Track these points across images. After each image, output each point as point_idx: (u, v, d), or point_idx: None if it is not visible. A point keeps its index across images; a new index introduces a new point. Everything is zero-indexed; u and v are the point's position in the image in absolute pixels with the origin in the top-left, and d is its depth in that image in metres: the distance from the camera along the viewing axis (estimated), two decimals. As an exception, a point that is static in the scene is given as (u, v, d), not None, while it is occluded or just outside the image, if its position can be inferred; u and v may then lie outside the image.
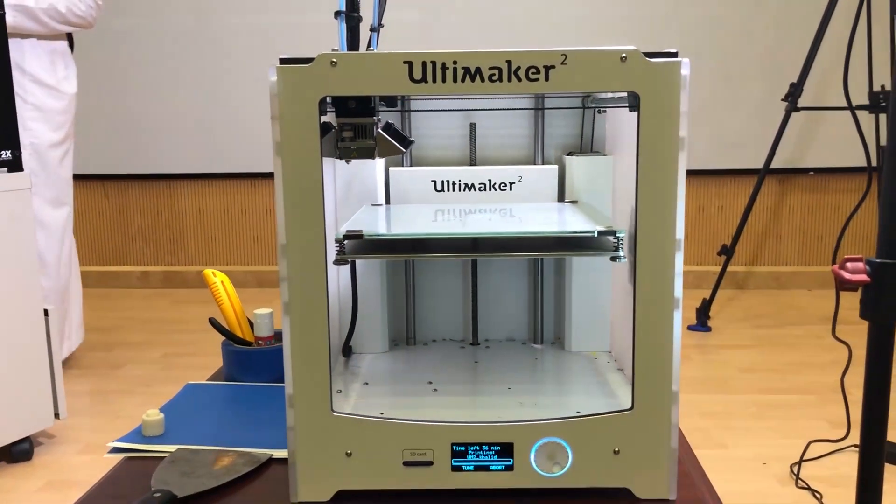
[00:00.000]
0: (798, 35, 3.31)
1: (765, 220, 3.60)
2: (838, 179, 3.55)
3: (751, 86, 3.43)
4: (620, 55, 0.72)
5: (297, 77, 0.72)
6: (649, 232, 0.74)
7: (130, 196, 3.73)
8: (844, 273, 0.85)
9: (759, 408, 2.27)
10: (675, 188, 0.73)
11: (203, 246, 3.75)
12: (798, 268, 3.62)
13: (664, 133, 0.73)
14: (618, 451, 0.77)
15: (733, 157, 3.47)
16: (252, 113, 3.56)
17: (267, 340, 1.13)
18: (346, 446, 0.77)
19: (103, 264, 3.79)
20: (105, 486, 0.83)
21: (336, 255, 0.79)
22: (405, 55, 0.72)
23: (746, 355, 2.72)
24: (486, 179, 1.00)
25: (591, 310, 1.02)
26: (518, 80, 0.72)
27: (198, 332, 3.05)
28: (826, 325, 3.03)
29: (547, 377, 0.96)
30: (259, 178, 3.67)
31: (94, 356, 2.80)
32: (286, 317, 0.76)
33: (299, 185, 0.73)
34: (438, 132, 1.04)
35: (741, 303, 3.39)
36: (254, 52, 3.52)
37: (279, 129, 0.73)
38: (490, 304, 1.08)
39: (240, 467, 0.85)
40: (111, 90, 3.59)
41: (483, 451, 0.78)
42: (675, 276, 0.75)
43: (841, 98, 3.15)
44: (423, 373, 0.97)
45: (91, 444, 2.10)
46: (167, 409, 1.00)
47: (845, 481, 1.83)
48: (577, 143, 1.04)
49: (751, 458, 1.96)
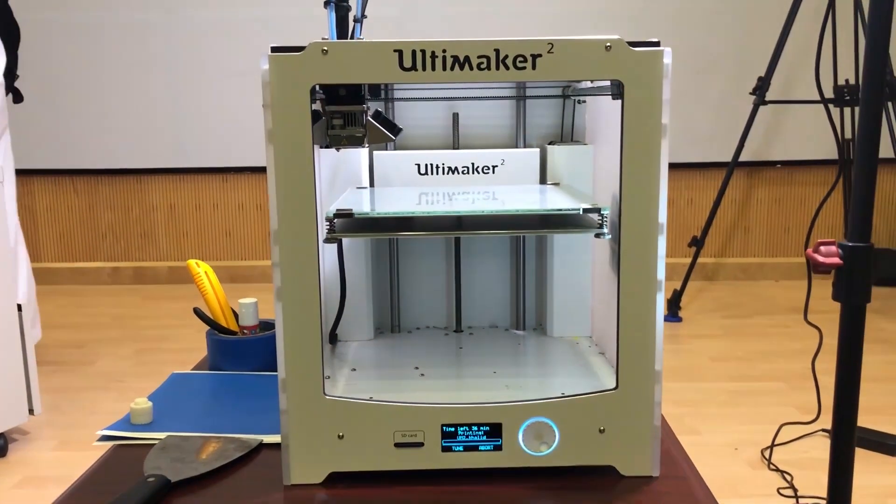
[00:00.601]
0: (765, 29, 3.37)
1: (733, 213, 3.67)
2: (804, 172, 3.62)
3: (719, 80, 3.48)
4: (605, 44, 0.74)
5: (289, 65, 0.73)
6: (633, 216, 0.76)
7: (100, 192, 3.69)
8: (818, 256, 0.88)
9: (730, 395, 2.32)
10: (658, 173, 0.76)
11: (174, 241, 3.72)
12: (766, 259, 3.69)
13: (647, 120, 0.75)
14: (603, 430, 0.80)
15: (702, 151, 3.53)
16: (223, 108, 3.55)
17: (251, 329, 1.13)
18: (339, 429, 0.79)
19: (73, 261, 3.75)
20: (97, 472, 0.83)
21: (326, 234, 0.80)
22: (395, 44, 0.73)
23: (717, 345, 2.77)
24: (470, 163, 1.02)
25: (572, 296, 1.04)
26: (506, 69, 0.74)
27: (170, 327, 3.04)
28: (793, 315, 3.10)
29: (531, 361, 0.98)
30: (231, 173, 3.66)
31: (66, 353, 2.78)
32: (278, 302, 0.77)
33: (291, 171, 0.75)
34: (422, 122, 1.06)
35: (711, 294, 3.45)
36: (224, 47, 3.51)
37: (271, 116, 0.74)
38: (473, 291, 1.10)
39: (231, 452, 0.85)
40: (80, 85, 3.55)
41: (472, 432, 0.79)
42: (657, 259, 0.77)
43: (807, 92, 3.22)
44: (410, 359, 0.98)
45: (66, 440, 2.08)
46: (154, 398, 1.01)
47: (814, 463, 1.88)
48: (558, 132, 1.06)
49: (723, 444, 2.01)
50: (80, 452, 2.01)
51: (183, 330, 2.99)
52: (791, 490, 1.76)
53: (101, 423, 2.23)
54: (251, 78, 3.52)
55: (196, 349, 2.79)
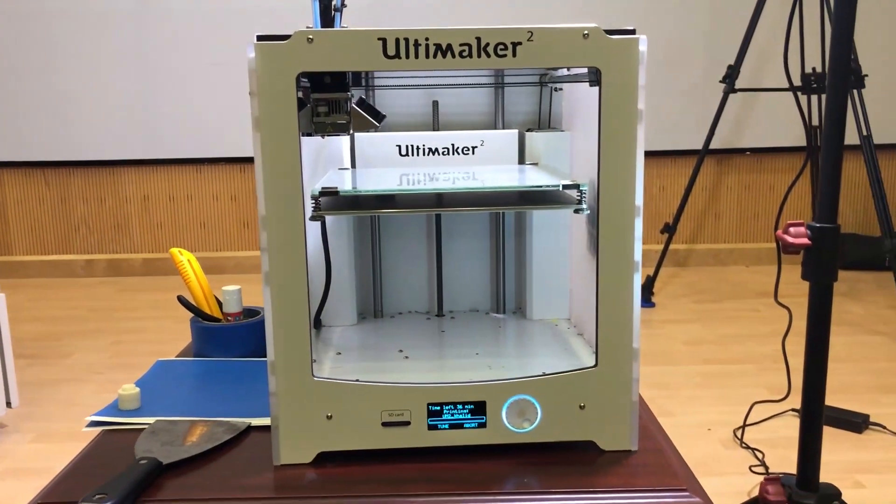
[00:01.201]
0: (734, 19, 3.42)
1: (704, 199, 3.72)
2: (772, 159, 3.68)
3: (689, 69, 3.53)
4: (583, 32, 0.76)
5: (275, 53, 0.74)
6: (611, 198, 0.79)
7: (72, 184, 3.66)
8: (788, 237, 0.91)
9: (703, 378, 2.37)
10: (634, 157, 0.78)
11: (148, 233, 3.70)
12: (736, 245, 3.75)
13: (624, 105, 0.77)
14: (583, 406, 0.82)
15: (673, 138, 3.58)
16: (197, 98, 3.53)
17: (235, 316, 1.15)
18: (327, 410, 0.81)
19: (45, 253, 3.72)
20: (88, 457, 0.85)
21: (311, 212, 0.82)
22: (379, 32, 0.75)
23: (689, 329, 2.83)
24: (450, 144, 1.04)
25: (551, 278, 1.07)
26: (487, 56, 0.76)
27: (146, 318, 3.03)
28: (762, 299, 3.16)
29: (512, 342, 1.01)
30: (205, 164, 3.64)
31: (43, 345, 2.76)
32: (267, 286, 0.79)
33: (278, 158, 0.76)
34: (402, 108, 1.07)
35: (683, 279, 3.50)
36: (198, 36, 3.49)
37: (258, 104, 0.75)
38: (454, 276, 1.12)
39: (221, 435, 0.87)
40: (51, 75, 3.51)
41: (457, 410, 0.82)
42: (634, 240, 0.80)
43: (775, 80, 3.27)
44: (393, 342, 1.00)
45: (45, 433, 2.08)
46: (140, 384, 1.02)
47: (784, 441, 1.93)
48: (536, 119, 1.09)
49: (696, 425, 2.05)
50: (59, 444, 2.01)
51: (160, 321, 2.98)
52: (762, 467, 1.81)
53: (80, 414, 2.23)
54: (225, 68, 3.51)
55: (173, 340, 2.79)
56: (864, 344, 2.63)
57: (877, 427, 2.00)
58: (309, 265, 1.02)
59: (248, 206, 3.70)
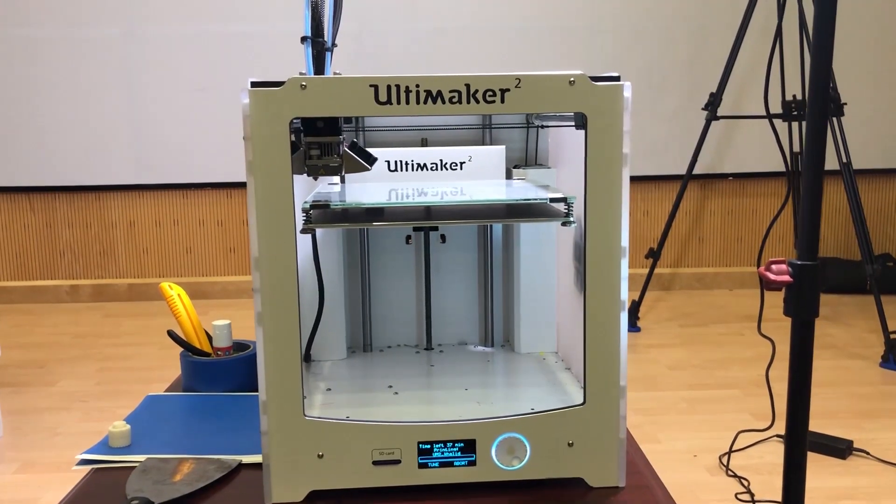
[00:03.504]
0: (716, 47, 3.48)
1: (688, 224, 3.76)
2: (755, 184, 3.73)
3: (672, 95, 3.58)
4: (569, 79, 0.78)
5: (269, 99, 0.76)
6: (597, 240, 0.81)
7: (58, 209, 3.65)
8: (770, 274, 0.93)
9: (688, 403, 2.39)
10: (619, 200, 0.80)
11: (134, 258, 3.70)
12: (719, 269, 3.79)
13: (609, 149, 0.79)
14: (572, 444, 0.84)
15: (657, 164, 3.62)
16: (183, 123, 3.54)
17: (226, 351, 1.16)
18: (318, 448, 0.82)
19: (30, 279, 3.70)
20: (79, 497, 0.85)
21: (303, 224, 0.83)
22: (371, 79, 0.77)
23: (674, 353, 2.85)
24: (438, 159, 1.05)
25: (538, 312, 1.08)
26: (476, 102, 0.78)
27: (132, 345, 3.02)
28: (746, 323, 3.19)
29: (500, 378, 1.02)
30: (191, 189, 3.65)
31: (27, 373, 2.74)
32: (259, 326, 0.80)
33: (271, 201, 0.77)
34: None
35: (667, 303, 3.53)
36: (184, 62, 3.50)
37: (251, 148, 0.77)
38: (442, 309, 1.13)
39: (212, 473, 0.88)
40: (36, 100, 3.51)
41: (448, 448, 0.83)
42: (620, 281, 0.82)
43: (756, 107, 3.32)
44: (383, 377, 1.01)
45: (29, 462, 2.07)
46: (130, 420, 1.02)
47: (769, 468, 1.94)
48: (523, 157, 1.11)
49: (682, 451, 2.07)
50: (43, 475, 2.00)
51: (145, 348, 2.97)
52: (748, 495, 1.82)
53: (64, 444, 2.22)
54: (211, 93, 3.52)
55: (159, 367, 2.78)
56: (846, 368, 2.66)
57: (860, 453, 2.02)
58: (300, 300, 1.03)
59: (234, 231, 3.70)
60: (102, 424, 2.25)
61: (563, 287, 1.04)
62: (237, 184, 3.64)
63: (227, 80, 3.50)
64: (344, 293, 1.08)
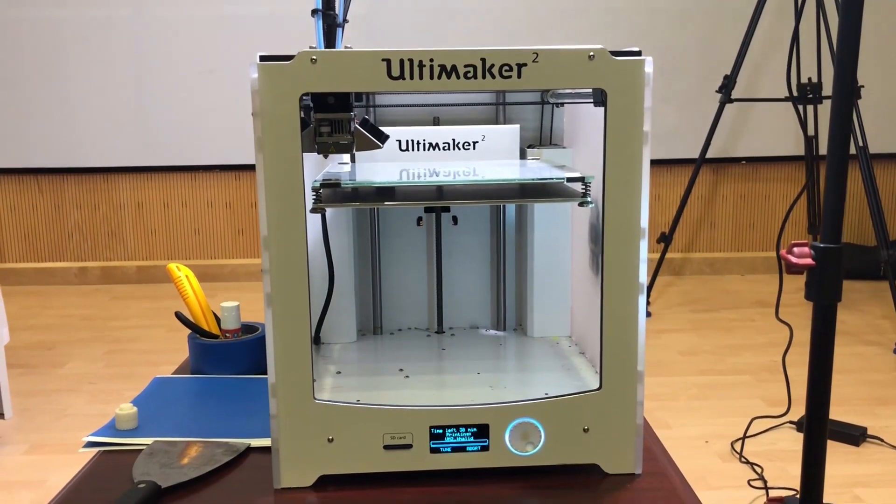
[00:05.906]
0: (730, 29, 3.43)
1: (700, 209, 3.72)
2: (767, 168, 3.69)
3: (686, 78, 3.53)
4: (588, 53, 0.76)
5: (278, 74, 0.74)
6: (616, 221, 0.78)
7: (66, 190, 3.64)
8: (791, 257, 0.91)
9: (700, 389, 2.36)
10: (639, 179, 0.78)
11: (143, 240, 3.69)
12: (731, 254, 3.75)
13: (630, 127, 0.77)
14: (587, 430, 0.82)
15: (670, 148, 3.58)
16: (191, 105, 3.52)
17: (234, 333, 1.14)
18: (328, 432, 0.80)
19: (39, 261, 3.69)
20: (86, 480, 0.83)
21: (312, 204, 0.81)
22: (383, 53, 0.74)
23: (685, 339, 2.82)
24: (450, 139, 1.03)
25: (552, 295, 1.06)
26: (492, 77, 0.75)
27: (140, 327, 3.01)
28: (758, 309, 3.16)
29: (513, 362, 1.00)
30: (200, 171, 3.63)
31: (35, 354, 2.74)
32: (268, 308, 0.78)
33: (280, 178, 0.75)
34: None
35: (678, 288, 3.50)
36: (192, 43, 3.47)
37: (260, 124, 0.74)
38: (454, 291, 1.11)
39: (220, 457, 0.86)
40: (44, 82, 3.49)
41: (460, 433, 0.81)
42: (640, 263, 0.79)
43: (770, 90, 3.28)
44: (394, 361, 0.99)
45: (37, 444, 2.06)
46: (138, 402, 1.01)
47: (782, 454, 1.92)
48: (537, 136, 1.08)
49: (694, 437, 2.05)
50: (52, 456, 1.99)
51: (153, 330, 2.96)
52: (761, 482, 1.80)
53: (73, 426, 2.22)
54: (219, 75, 3.49)
55: (167, 350, 2.77)
56: (859, 355, 2.63)
57: (874, 440, 2.00)
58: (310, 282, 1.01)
59: (242, 214, 3.69)
60: (110, 406, 2.25)
61: (578, 270, 1.01)
62: (246, 166, 3.62)
63: (236, 62, 3.47)
64: (354, 274, 1.06)
